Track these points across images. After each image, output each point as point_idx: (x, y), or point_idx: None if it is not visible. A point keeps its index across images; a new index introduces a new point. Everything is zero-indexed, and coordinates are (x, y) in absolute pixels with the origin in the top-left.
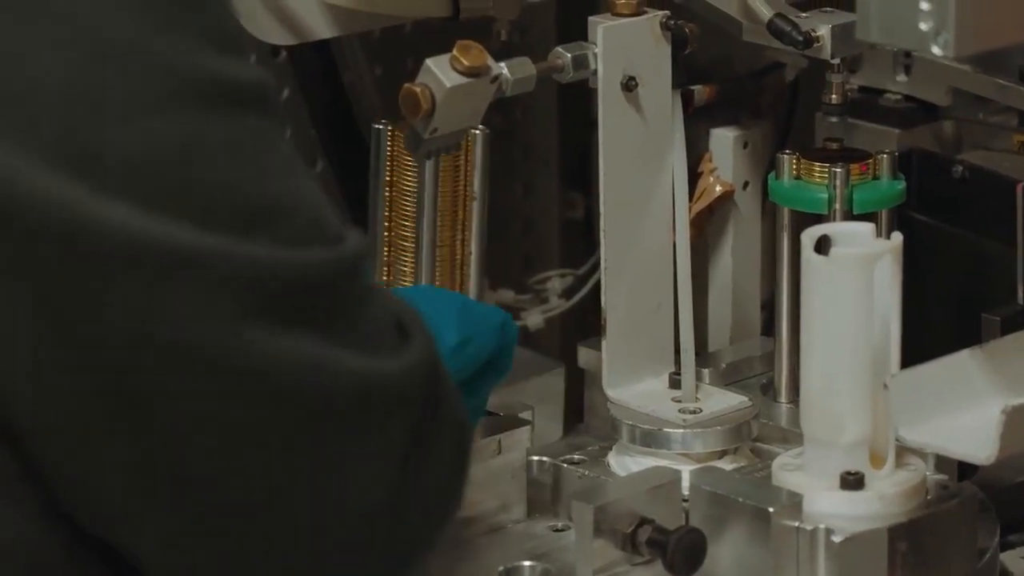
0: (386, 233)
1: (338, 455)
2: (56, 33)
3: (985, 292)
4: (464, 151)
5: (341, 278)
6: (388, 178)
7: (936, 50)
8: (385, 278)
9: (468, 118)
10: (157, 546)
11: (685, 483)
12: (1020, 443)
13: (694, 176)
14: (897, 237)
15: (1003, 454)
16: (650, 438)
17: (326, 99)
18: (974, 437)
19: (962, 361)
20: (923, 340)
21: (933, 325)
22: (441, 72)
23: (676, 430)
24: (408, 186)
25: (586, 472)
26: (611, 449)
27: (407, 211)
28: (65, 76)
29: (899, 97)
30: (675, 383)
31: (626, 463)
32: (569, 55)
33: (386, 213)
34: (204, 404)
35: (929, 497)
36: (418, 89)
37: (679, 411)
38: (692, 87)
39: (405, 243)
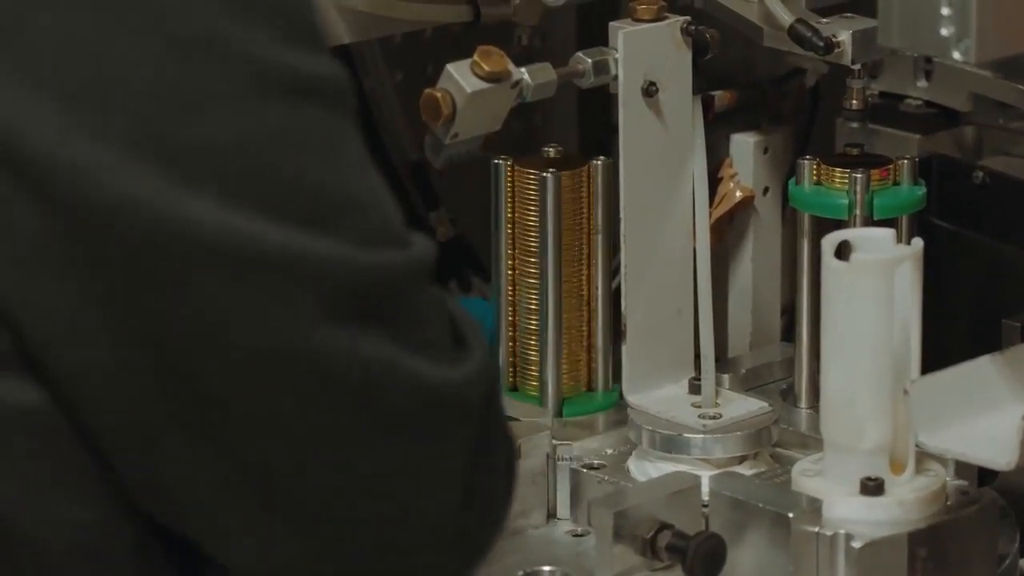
0: (509, 272)
1: (413, 456)
2: (133, 22)
3: (1005, 298)
4: (587, 182)
5: (411, 282)
6: (509, 215)
7: (957, 56)
8: (509, 317)
9: (489, 123)
10: (245, 544)
11: (705, 488)
12: None
13: (714, 181)
14: (917, 243)
15: (1023, 460)
16: (670, 443)
17: None
18: (994, 443)
19: (982, 367)
20: (943, 346)
21: (953, 331)
22: (462, 77)
23: (696, 435)
24: (530, 221)
25: (606, 477)
26: (631, 454)
27: (531, 247)
28: (143, 67)
29: (920, 103)
30: (695, 388)
31: (646, 468)
32: (590, 60)
33: (509, 251)
34: (280, 403)
35: (949, 503)
36: (439, 94)
37: (699, 416)
38: (712, 92)
39: (529, 280)
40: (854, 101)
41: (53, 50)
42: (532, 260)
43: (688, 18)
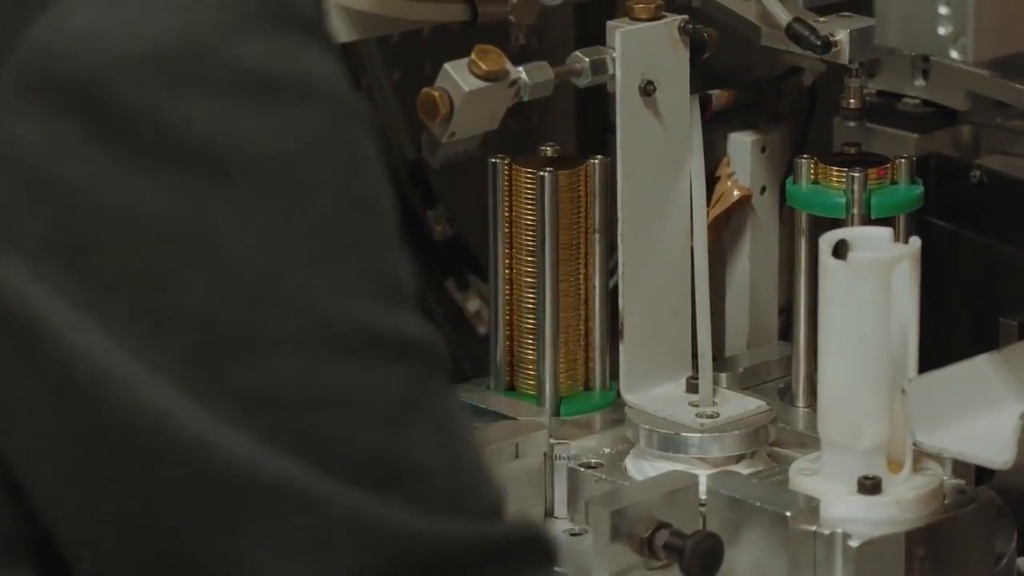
0: (507, 271)
1: None
2: (200, 255)
3: (1003, 297)
4: (584, 181)
5: (479, 560)
6: (507, 214)
7: (955, 55)
8: (507, 316)
9: (486, 122)
10: None
11: (702, 487)
12: None
13: (712, 180)
14: (915, 242)
15: (1021, 459)
16: (667, 442)
17: None
18: (992, 442)
19: (980, 366)
20: (941, 345)
21: (951, 330)
22: (459, 76)
23: (693, 434)
24: (527, 220)
25: (603, 476)
26: (628, 453)
27: (528, 246)
28: (203, 300)
29: (917, 102)
30: (692, 387)
31: (643, 467)
32: (587, 59)
33: (506, 250)
34: None
35: (946, 502)
36: (436, 93)
37: (696, 415)
38: (710, 91)
39: (527, 279)
40: (851, 100)
41: (116, 271)
42: (529, 259)
43: (686, 17)
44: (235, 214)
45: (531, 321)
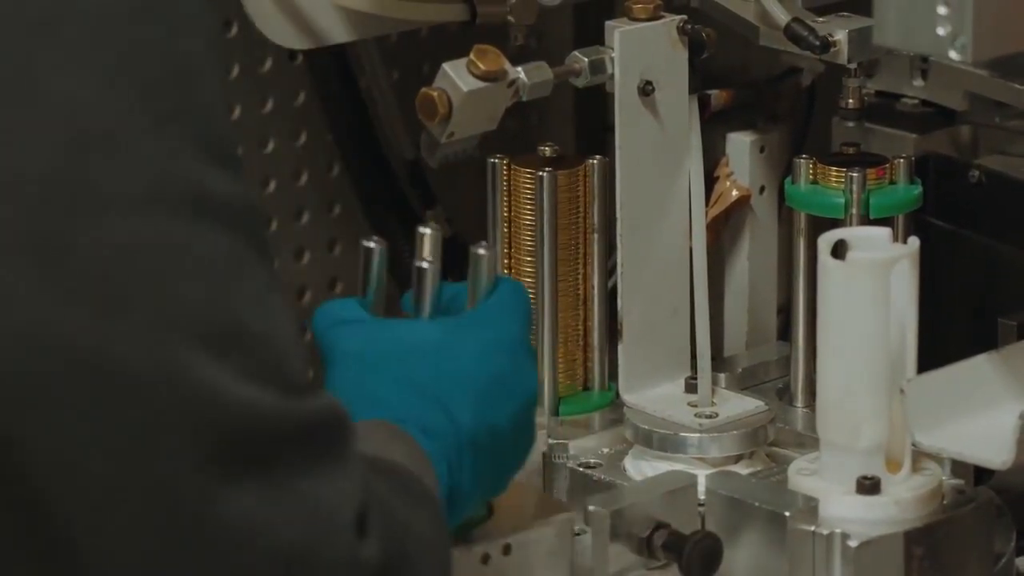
0: (506, 271)
1: None
2: (39, 116)
3: (1002, 297)
4: (583, 181)
5: (295, 434)
6: (505, 214)
7: (953, 55)
8: None
9: (485, 122)
10: None
11: (701, 487)
12: None
13: (710, 181)
14: (914, 242)
15: (1019, 459)
16: (666, 442)
17: (342, 103)
18: (990, 442)
19: (978, 366)
20: (940, 345)
21: (950, 330)
22: (458, 76)
23: (692, 434)
24: (526, 220)
25: (602, 476)
26: (627, 453)
27: (527, 246)
28: (40, 163)
29: (916, 102)
30: (691, 387)
31: (642, 467)
32: (586, 59)
33: (505, 250)
34: (125, 538)
35: (945, 502)
36: (435, 93)
37: (695, 415)
38: (709, 92)
39: (525, 279)
40: (850, 100)
41: None
42: (528, 259)
43: (684, 17)
44: (68, 69)
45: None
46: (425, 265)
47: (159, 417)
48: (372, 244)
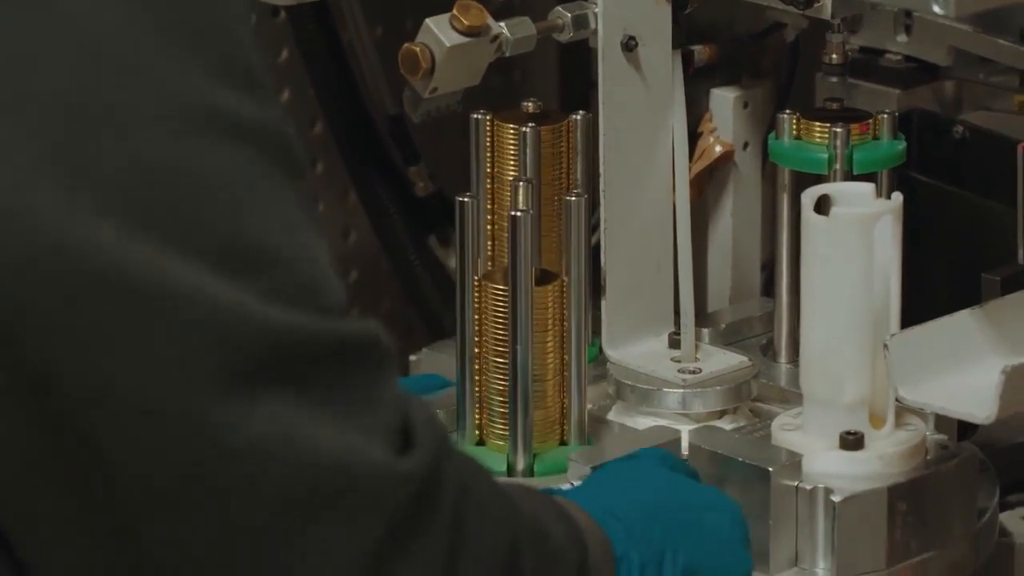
0: (489, 227)
1: (295, 544)
2: (55, 35)
3: (985, 252)
4: (567, 137)
5: (333, 354)
6: (489, 169)
7: (937, 9)
8: (490, 265)
9: (468, 78)
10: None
11: (685, 443)
12: (1020, 403)
13: (694, 136)
14: (897, 197)
15: (1003, 414)
16: (650, 398)
17: (325, 60)
18: (974, 397)
19: (962, 321)
20: (923, 300)
21: (933, 285)
22: (441, 32)
23: (676, 390)
24: (510, 176)
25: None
26: (611, 409)
27: (510, 202)
28: (63, 80)
29: (899, 57)
30: (675, 343)
31: (625, 422)
32: (569, 15)
33: (489, 205)
34: (156, 463)
35: (929, 457)
36: (418, 49)
37: (679, 371)
38: (692, 47)
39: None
40: (834, 56)
41: None
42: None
43: None
44: None
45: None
46: None
47: (181, 335)
48: None
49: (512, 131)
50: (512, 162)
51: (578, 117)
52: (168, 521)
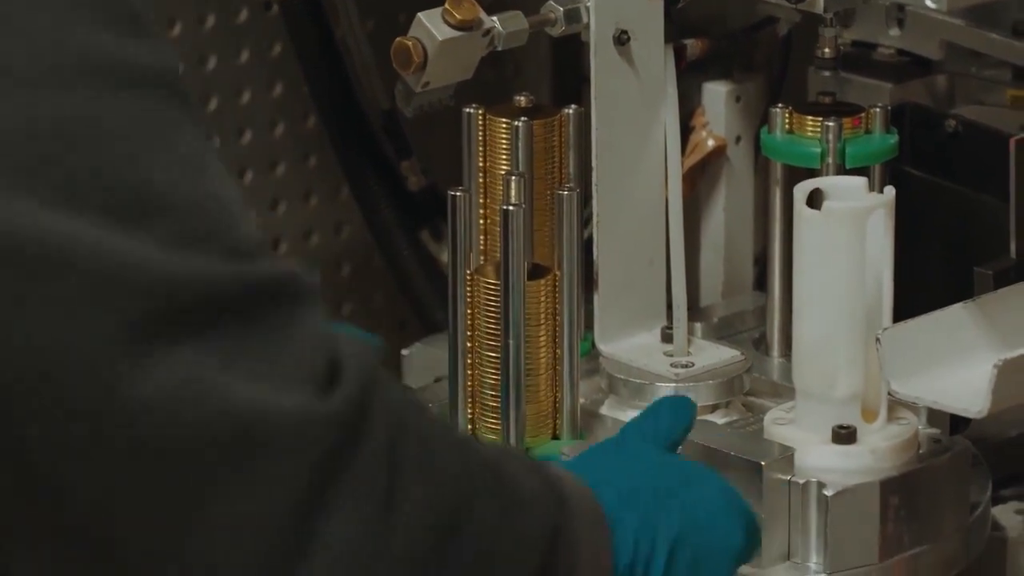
0: (481, 221)
1: (217, 497)
2: None
3: (977, 246)
4: (559, 131)
5: (242, 298)
6: (481, 164)
7: (929, 3)
8: (482, 259)
9: (460, 72)
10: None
11: None
12: (1012, 397)
13: (686, 131)
14: (890, 191)
15: (995, 408)
16: (642, 392)
17: (318, 54)
18: (966, 391)
19: (954, 315)
20: (916, 294)
21: (925, 279)
22: (433, 26)
23: (668, 384)
24: (502, 170)
25: None
26: (603, 403)
27: (502, 196)
28: None
29: (892, 51)
30: (667, 337)
31: (618, 417)
32: (561, 9)
33: (481, 199)
34: (55, 429)
35: (921, 451)
36: (410, 43)
37: (671, 365)
38: (685, 41)
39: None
40: (826, 49)
41: None
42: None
43: None
44: None
45: None
46: None
47: (76, 292)
48: None
49: (504, 125)
50: (504, 156)
51: (570, 111)
52: (87, 481)
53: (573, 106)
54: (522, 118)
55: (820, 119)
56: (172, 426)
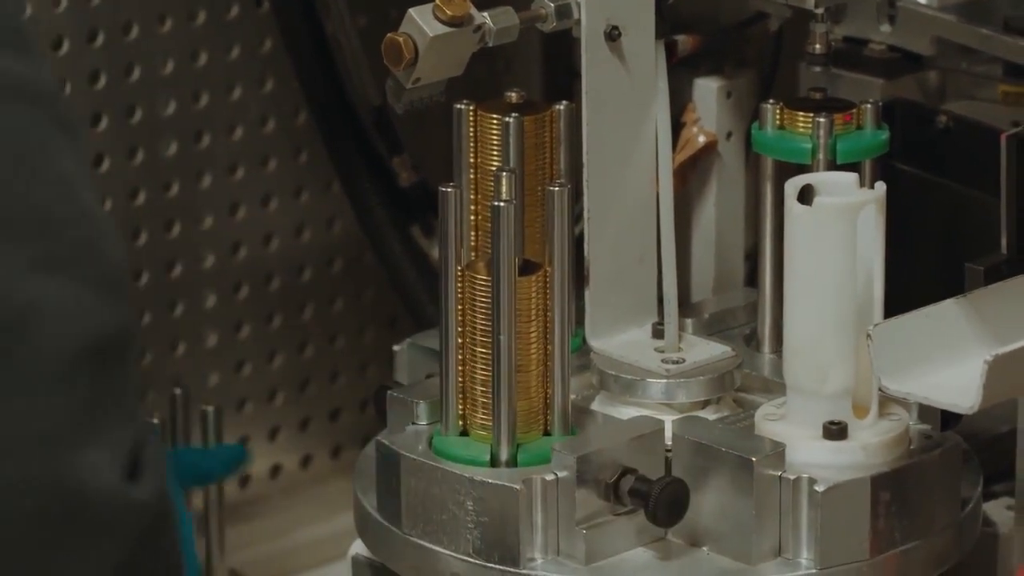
0: (472, 217)
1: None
2: None
3: (969, 242)
4: (550, 127)
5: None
6: (472, 160)
7: None
8: (473, 255)
9: (451, 68)
10: None
11: (668, 433)
12: (1003, 392)
13: (677, 126)
14: (881, 187)
15: (986, 404)
16: (633, 388)
17: (309, 50)
18: (957, 387)
19: (945, 311)
20: (907, 290)
21: (917, 275)
22: (424, 21)
23: (659, 380)
24: (493, 166)
25: None
26: (594, 399)
27: (493, 193)
28: None
29: (883, 47)
30: (658, 333)
31: (609, 413)
32: (552, 4)
33: (472, 196)
34: None
35: (912, 447)
36: (401, 39)
37: (662, 361)
38: (676, 37)
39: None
40: (817, 45)
41: None
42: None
43: None
44: None
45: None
46: None
47: None
48: None
49: (495, 121)
50: (495, 152)
51: (561, 107)
52: None
53: (564, 102)
54: (513, 114)
55: (811, 115)
56: None
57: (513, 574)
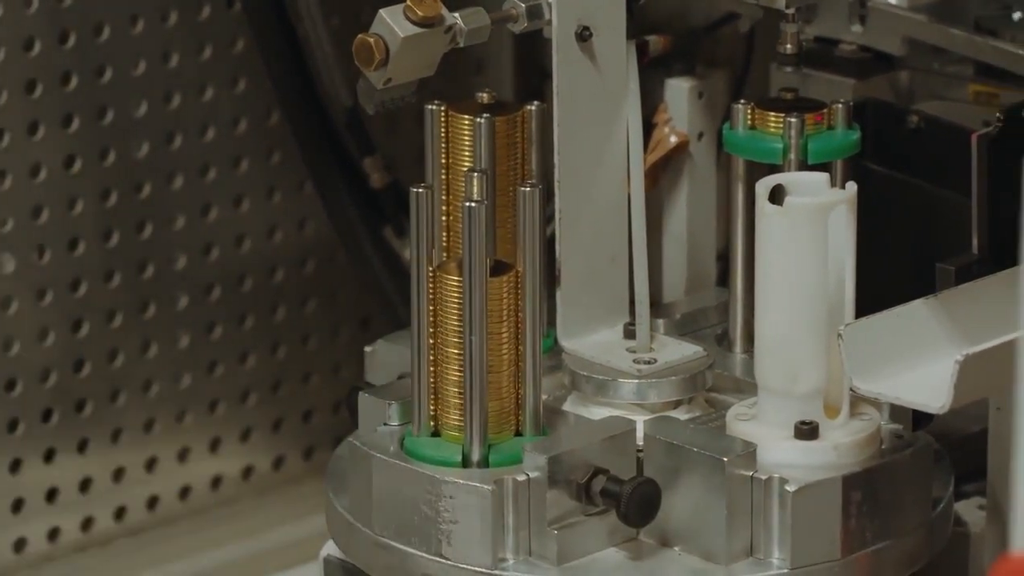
0: (444, 217)
1: None
2: None
3: (939, 242)
4: (521, 128)
5: None
6: (444, 160)
7: None
8: (445, 256)
9: (422, 69)
10: None
11: (639, 433)
12: (974, 392)
13: (649, 127)
14: (852, 187)
15: (957, 404)
16: (604, 388)
17: (280, 51)
18: (928, 387)
19: (916, 311)
20: (878, 290)
21: (888, 275)
22: (395, 22)
23: (631, 380)
24: (464, 167)
25: None
26: (566, 399)
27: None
28: None
29: (854, 47)
30: (630, 333)
31: (581, 413)
32: (523, 5)
33: (444, 196)
34: None
35: (883, 447)
36: (372, 39)
37: (634, 361)
38: (647, 37)
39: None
40: (788, 46)
41: None
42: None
43: None
44: None
45: None
46: None
47: None
48: None
49: (467, 122)
50: (467, 153)
51: (533, 108)
52: None
53: (536, 102)
54: (484, 115)
55: (782, 115)
56: None
57: (485, 575)
